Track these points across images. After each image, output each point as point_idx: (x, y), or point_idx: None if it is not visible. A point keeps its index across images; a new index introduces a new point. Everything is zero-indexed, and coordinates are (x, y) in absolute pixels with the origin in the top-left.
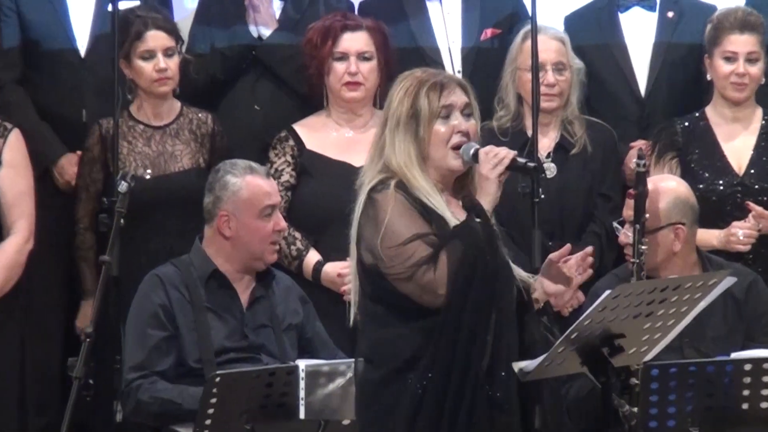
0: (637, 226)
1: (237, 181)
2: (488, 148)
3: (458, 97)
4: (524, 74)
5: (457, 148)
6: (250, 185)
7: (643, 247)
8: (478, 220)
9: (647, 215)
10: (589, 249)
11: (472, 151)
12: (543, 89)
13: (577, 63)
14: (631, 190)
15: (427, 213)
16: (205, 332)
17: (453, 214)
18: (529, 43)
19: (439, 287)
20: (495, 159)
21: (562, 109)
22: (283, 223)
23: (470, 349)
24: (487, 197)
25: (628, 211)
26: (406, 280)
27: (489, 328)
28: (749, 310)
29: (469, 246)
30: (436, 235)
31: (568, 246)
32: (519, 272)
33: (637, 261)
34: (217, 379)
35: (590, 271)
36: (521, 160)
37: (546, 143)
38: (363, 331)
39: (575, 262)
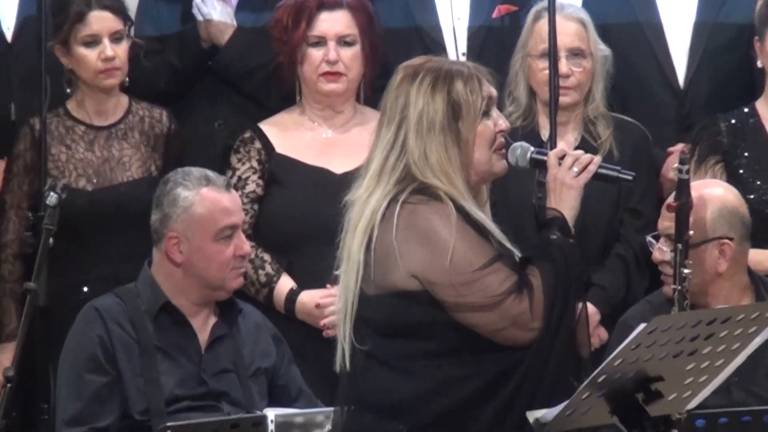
0: (680, 246)
1: (189, 195)
2: (559, 150)
3: (492, 90)
4: (535, 62)
5: (498, 150)
6: (206, 200)
7: (687, 270)
8: (554, 236)
9: (669, 226)
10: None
11: (529, 155)
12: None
13: (603, 49)
14: (670, 201)
15: (479, 229)
16: (154, 378)
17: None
18: (541, 23)
19: (535, 319)
20: (579, 165)
21: (582, 105)
22: (247, 247)
23: (553, 393)
24: (571, 210)
25: (664, 223)
26: (486, 310)
27: (578, 367)
28: None
29: (562, 269)
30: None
31: None
32: None
33: (680, 288)
34: None
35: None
36: (610, 167)
37: (564, 146)
38: (367, 374)
39: None
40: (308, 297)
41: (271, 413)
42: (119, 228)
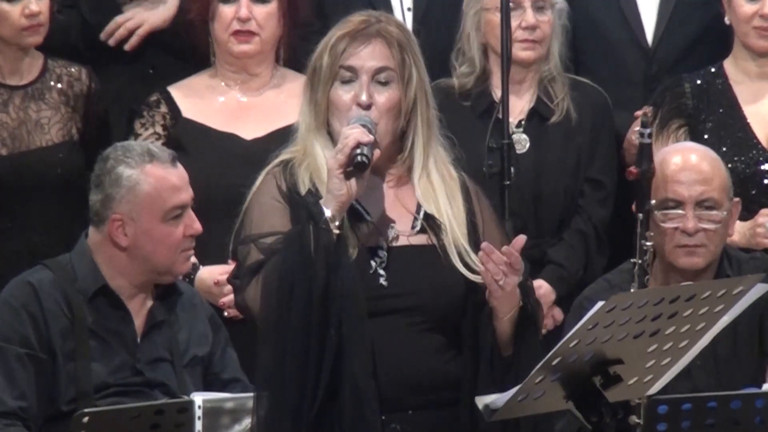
0: (641, 216)
1: (133, 173)
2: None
3: (371, 56)
4: (493, 16)
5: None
6: (152, 178)
7: (648, 243)
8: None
9: (703, 191)
10: (520, 240)
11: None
12: (520, 33)
13: (559, 1)
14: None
15: (296, 206)
16: (85, 364)
17: (363, 199)
18: None
19: (254, 306)
20: (340, 143)
21: (540, 63)
22: (198, 225)
23: (301, 379)
24: (328, 195)
25: (696, 188)
26: (235, 287)
27: (323, 356)
28: None
29: (289, 262)
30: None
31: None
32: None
33: (640, 261)
34: (85, 419)
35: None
36: (359, 150)
37: (518, 107)
38: None
39: (497, 258)
40: (207, 273)
41: (199, 398)
42: (36, 197)
